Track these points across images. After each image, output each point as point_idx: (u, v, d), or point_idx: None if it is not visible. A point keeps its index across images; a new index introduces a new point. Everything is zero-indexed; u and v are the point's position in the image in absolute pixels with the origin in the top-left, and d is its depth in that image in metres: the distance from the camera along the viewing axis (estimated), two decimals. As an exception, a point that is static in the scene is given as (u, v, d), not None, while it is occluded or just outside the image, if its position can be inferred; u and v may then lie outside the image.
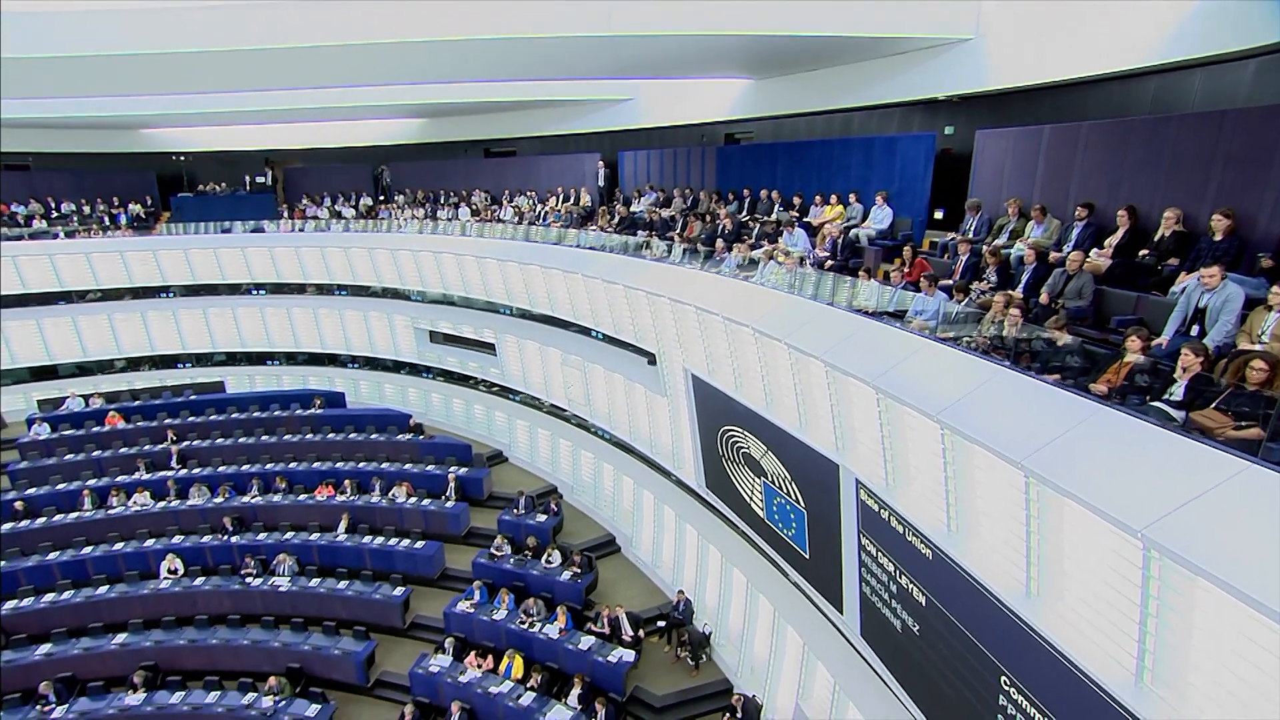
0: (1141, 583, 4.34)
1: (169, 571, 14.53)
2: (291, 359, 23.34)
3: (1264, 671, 3.73)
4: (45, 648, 12.75)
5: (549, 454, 18.30)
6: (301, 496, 16.54)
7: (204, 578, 14.44)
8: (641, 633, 12.64)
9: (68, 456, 18.30)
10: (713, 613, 12.87)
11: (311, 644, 12.81)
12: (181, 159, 24.92)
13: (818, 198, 12.65)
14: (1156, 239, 7.24)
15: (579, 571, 13.87)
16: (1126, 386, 5.30)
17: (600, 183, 19.33)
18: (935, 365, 6.63)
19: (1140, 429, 4.64)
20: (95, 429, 19.50)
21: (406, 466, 17.51)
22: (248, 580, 14.14)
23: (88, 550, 15.09)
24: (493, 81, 16.35)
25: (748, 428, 10.27)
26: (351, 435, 18.86)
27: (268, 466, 17.70)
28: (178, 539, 15.39)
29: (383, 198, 24.73)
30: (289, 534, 15.53)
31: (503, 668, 11.99)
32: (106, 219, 23.03)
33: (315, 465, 17.63)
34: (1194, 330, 5.86)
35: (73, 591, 14.01)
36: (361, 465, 17.60)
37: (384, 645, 13.38)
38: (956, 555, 6.22)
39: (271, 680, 11.81)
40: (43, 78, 11.75)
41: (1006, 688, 5.77)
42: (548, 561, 14.18)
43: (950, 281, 8.27)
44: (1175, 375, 5.08)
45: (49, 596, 13.87)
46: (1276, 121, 6.59)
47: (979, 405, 5.80)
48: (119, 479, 17.38)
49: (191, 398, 21.19)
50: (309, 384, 22.67)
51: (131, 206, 23.55)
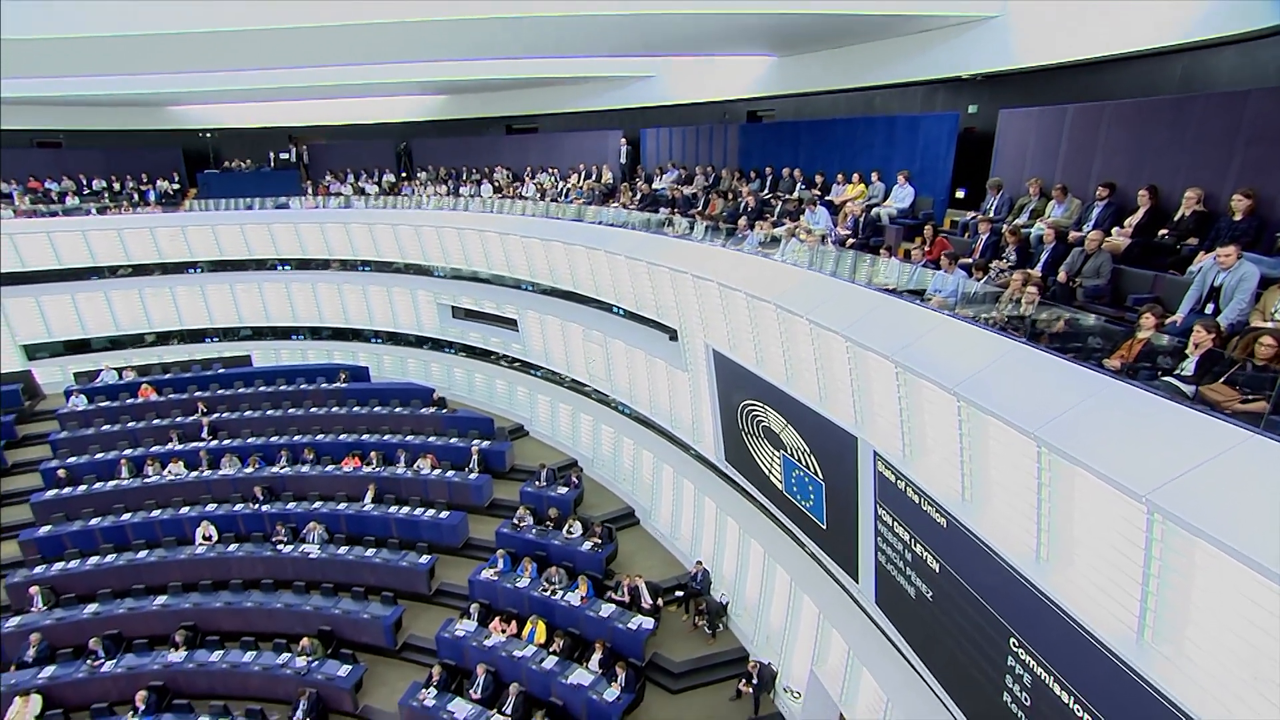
0: (1145, 546, 4.57)
1: (204, 538, 15.08)
2: (316, 334, 23.79)
3: (1258, 627, 3.95)
4: (92, 607, 13.37)
5: (569, 428, 18.63)
6: (329, 467, 17.02)
7: (237, 544, 14.97)
8: (660, 601, 12.98)
9: (104, 427, 18.92)
10: (730, 583, 13.19)
11: (341, 608, 13.28)
12: (208, 136, 25.27)
13: (840, 176, 12.71)
14: (1177, 219, 7.29)
15: (599, 542, 14.23)
16: (1139, 363, 5.46)
17: (622, 160, 19.41)
18: (953, 341, 6.81)
19: (1149, 402, 4.82)
20: (129, 401, 20.12)
21: (430, 439, 17.92)
22: (279, 547, 14.63)
23: (127, 517, 15.67)
24: (515, 59, 16.43)
25: (768, 402, 10.49)
26: (376, 409, 19.27)
27: (295, 438, 18.20)
28: (211, 507, 15.94)
29: (405, 174, 24.95)
30: (317, 503, 15.99)
31: (526, 633, 12.38)
32: (136, 195, 23.46)
33: (341, 437, 18.10)
34: (1209, 308, 5.95)
35: (115, 555, 14.60)
36: (386, 438, 18.01)
37: (410, 610, 13.83)
38: (970, 523, 6.45)
39: (305, 641, 12.30)
40: (73, 56, 12.01)
41: (1015, 649, 6.03)
42: (569, 532, 14.55)
43: (970, 260, 8.40)
44: (1187, 351, 5.23)
45: (93, 560, 14.47)
46: (1299, 101, 6.62)
47: (995, 379, 5.99)
48: (153, 449, 17.96)
49: (220, 371, 21.77)
50: (334, 358, 23.18)
51: (160, 183, 23.94)
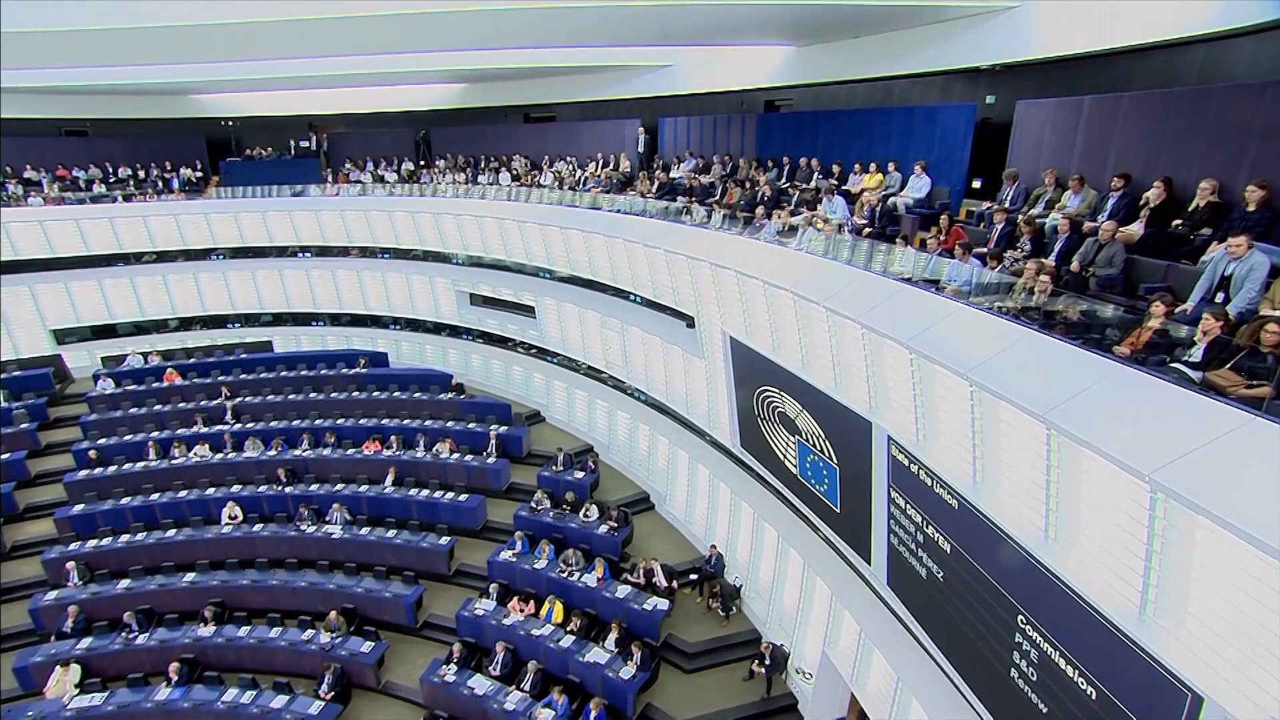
0: (1148, 523, 4.75)
1: (229, 518, 15.48)
2: (336, 320, 24.13)
3: (1255, 600, 4.14)
4: (125, 583, 13.80)
5: (585, 414, 18.88)
6: (350, 451, 17.37)
7: (262, 524, 15.34)
8: (675, 584, 13.24)
9: (132, 410, 19.35)
10: (744, 567, 13.42)
11: (364, 587, 13.61)
12: (230, 124, 25.63)
13: (857, 166, 12.80)
14: (1191, 209, 7.38)
15: (615, 526, 14.49)
16: (1148, 350, 5.61)
17: (640, 149, 19.54)
18: (966, 328, 6.97)
19: (1156, 386, 4.98)
20: (155, 385, 20.58)
21: (449, 424, 18.25)
22: (302, 528, 15.01)
23: (155, 497, 16.09)
24: (534, 48, 16.57)
25: (784, 388, 10.68)
26: (395, 394, 19.62)
27: (317, 422, 18.57)
28: (236, 488, 16.33)
29: (424, 162, 25.19)
30: (339, 485, 16.34)
31: (543, 612, 12.66)
32: (160, 183, 23.87)
33: (362, 421, 18.45)
34: (1219, 297, 6.05)
35: (145, 534, 15.02)
36: (406, 422, 18.35)
37: (430, 590, 14.15)
38: (981, 504, 6.64)
39: (330, 616, 12.66)
40: (102, 47, 12.36)
41: (1023, 625, 6.23)
42: (585, 516, 14.82)
43: (985, 249, 8.52)
44: (1195, 338, 5.38)
45: (124, 537, 14.90)
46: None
47: (1006, 364, 6.16)
48: (179, 431, 18.39)
49: (242, 356, 22.19)
50: (353, 344, 23.50)
51: (184, 171, 24.35)
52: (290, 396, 19.92)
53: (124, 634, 12.56)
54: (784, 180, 14.14)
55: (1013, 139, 10.28)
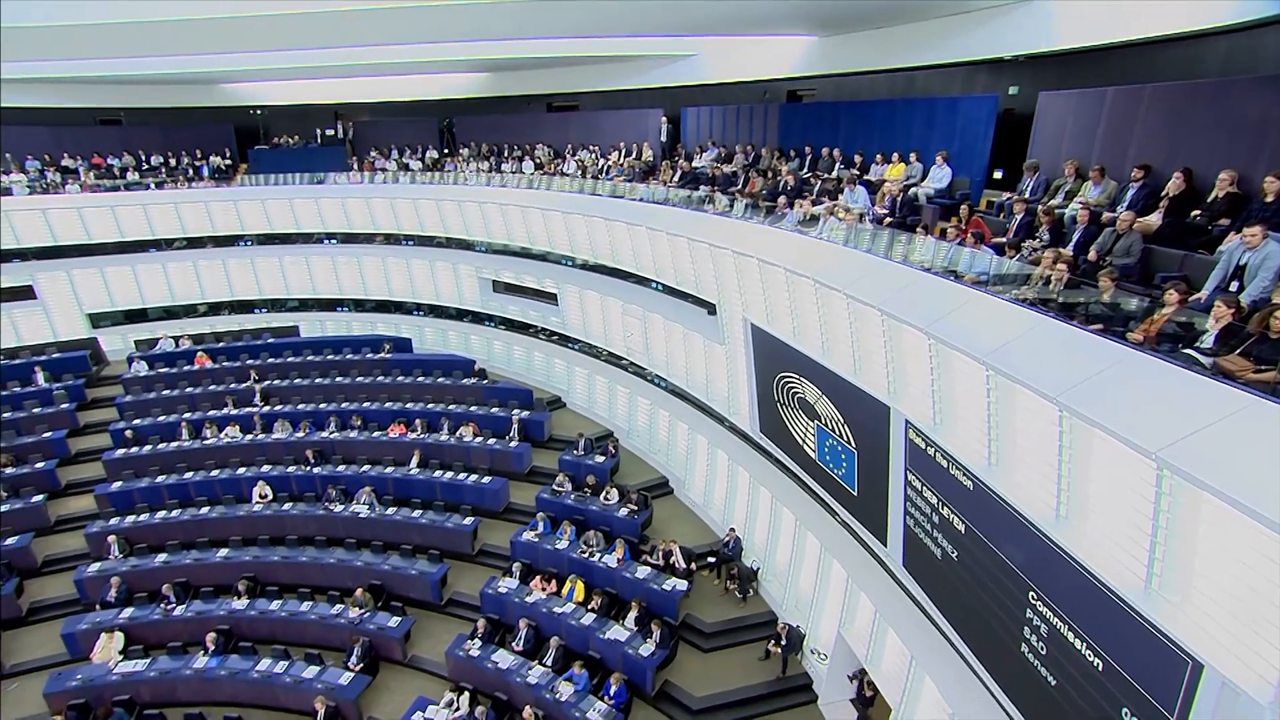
0: (1154, 500, 4.94)
1: (260, 497, 15.97)
2: (360, 306, 24.55)
3: (1258, 573, 4.33)
4: (162, 556, 14.31)
5: (606, 400, 19.15)
6: (376, 433, 17.77)
7: (291, 503, 15.80)
8: (693, 566, 13.51)
9: (165, 392, 19.92)
10: (761, 550, 13.66)
11: (390, 565, 14.01)
12: (258, 113, 26.07)
13: (879, 156, 12.92)
14: (1210, 199, 7.47)
15: (635, 509, 14.78)
16: (1161, 336, 5.77)
17: (663, 138, 19.70)
18: (984, 315, 7.15)
19: (1166, 371, 5.17)
20: (186, 368, 21.15)
21: (472, 408, 18.60)
22: (331, 507, 15.44)
23: (189, 475, 16.60)
24: (558, 38, 16.75)
25: (804, 374, 10.89)
26: (419, 378, 20.01)
27: (343, 405, 19.01)
28: (266, 468, 16.80)
29: (448, 150, 25.50)
30: (366, 467, 16.76)
31: (565, 591, 12.99)
32: (190, 171, 24.39)
33: (387, 405, 18.87)
34: (1233, 286, 6.19)
35: (180, 510, 15.52)
36: (430, 406, 18.73)
37: (455, 569, 14.50)
38: (995, 486, 6.85)
39: (358, 592, 13.08)
40: (135, 39, 12.71)
41: (1034, 601, 6.44)
42: (606, 499, 15.12)
43: (1004, 239, 8.67)
44: (1207, 325, 5.54)
45: (160, 514, 15.42)
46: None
47: (1022, 350, 6.35)
48: (210, 413, 18.90)
49: (270, 340, 22.71)
50: (377, 330, 23.88)
51: (213, 159, 24.86)
52: (317, 380, 20.39)
53: (163, 605, 13.06)
54: (806, 170, 14.28)
55: (1034, 130, 10.33)
